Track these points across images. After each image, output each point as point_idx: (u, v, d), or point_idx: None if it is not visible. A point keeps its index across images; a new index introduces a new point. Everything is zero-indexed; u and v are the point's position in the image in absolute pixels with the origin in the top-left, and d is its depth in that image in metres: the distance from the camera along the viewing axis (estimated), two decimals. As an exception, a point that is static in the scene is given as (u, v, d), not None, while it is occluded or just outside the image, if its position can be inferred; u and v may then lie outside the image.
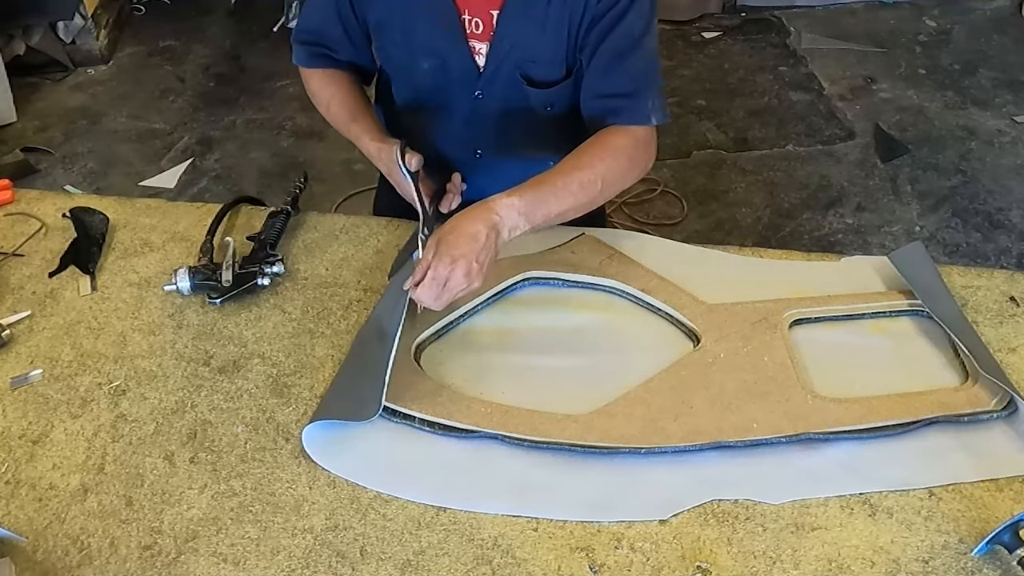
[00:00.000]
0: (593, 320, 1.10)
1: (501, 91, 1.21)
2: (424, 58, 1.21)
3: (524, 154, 1.29)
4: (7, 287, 1.17)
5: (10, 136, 3.03)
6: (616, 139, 1.11)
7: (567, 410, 0.97)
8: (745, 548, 0.86)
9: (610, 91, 1.12)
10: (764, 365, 1.02)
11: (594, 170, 1.07)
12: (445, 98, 1.25)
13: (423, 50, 1.20)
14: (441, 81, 1.22)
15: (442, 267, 0.98)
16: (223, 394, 1.03)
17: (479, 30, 1.16)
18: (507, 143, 1.28)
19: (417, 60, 1.21)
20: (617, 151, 1.10)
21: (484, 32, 1.16)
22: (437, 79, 1.22)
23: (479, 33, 1.16)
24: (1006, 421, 0.96)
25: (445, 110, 1.26)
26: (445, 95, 1.24)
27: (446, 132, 1.29)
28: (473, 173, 1.29)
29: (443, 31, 1.17)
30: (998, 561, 0.84)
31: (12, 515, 0.91)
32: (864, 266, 1.17)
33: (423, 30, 1.18)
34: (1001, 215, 2.60)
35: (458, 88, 1.23)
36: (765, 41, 3.48)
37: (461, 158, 1.30)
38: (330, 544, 0.87)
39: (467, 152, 1.29)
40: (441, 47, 1.19)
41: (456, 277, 0.98)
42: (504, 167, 1.28)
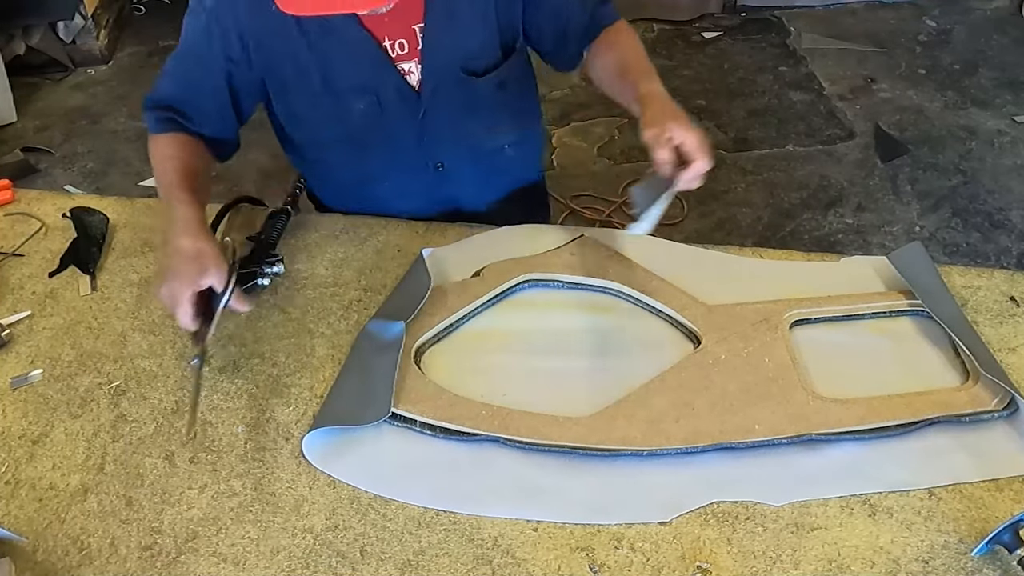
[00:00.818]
0: (593, 322, 1.10)
1: (447, 97, 1.20)
2: (354, 99, 1.18)
3: (485, 146, 1.30)
4: (7, 287, 1.17)
5: (10, 136, 3.03)
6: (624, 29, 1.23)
7: (568, 412, 0.97)
8: (745, 548, 0.86)
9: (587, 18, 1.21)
10: (765, 366, 1.02)
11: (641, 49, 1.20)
12: (387, 130, 1.22)
13: (351, 91, 1.17)
14: (378, 116, 1.20)
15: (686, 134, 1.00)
16: (223, 394, 1.03)
17: (404, 50, 1.15)
18: (467, 142, 1.28)
19: (347, 103, 1.18)
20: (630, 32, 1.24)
21: (411, 51, 1.15)
22: (373, 116, 1.19)
23: (405, 53, 1.15)
24: (1007, 421, 0.96)
25: (391, 141, 1.23)
26: (386, 128, 1.22)
27: (400, 162, 1.26)
28: (440, 187, 1.30)
29: (367, 64, 1.14)
30: (998, 561, 0.84)
31: (12, 515, 0.91)
32: (864, 266, 1.17)
33: (345, 71, 1.15)
34: (1001, 215, 2.60)
35: (399, 115, 1.20)
36: (765, 41, 3.48)
37: (424, 179, 1.28)
38: (330, 544, 0.87)
39: (428, 171, 1.28)
40: (370, 81, 1.16)
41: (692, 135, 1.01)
42: (467, 169, 1.30)
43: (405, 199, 1.29)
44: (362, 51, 1.13)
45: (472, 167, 1.30)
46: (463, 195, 1.33)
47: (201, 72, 1.15)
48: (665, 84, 1.15)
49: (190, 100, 1.16)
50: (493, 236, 1.22)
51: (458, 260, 1.17)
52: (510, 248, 1.18)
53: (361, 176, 1.29)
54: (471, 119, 1.25)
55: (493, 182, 1.36)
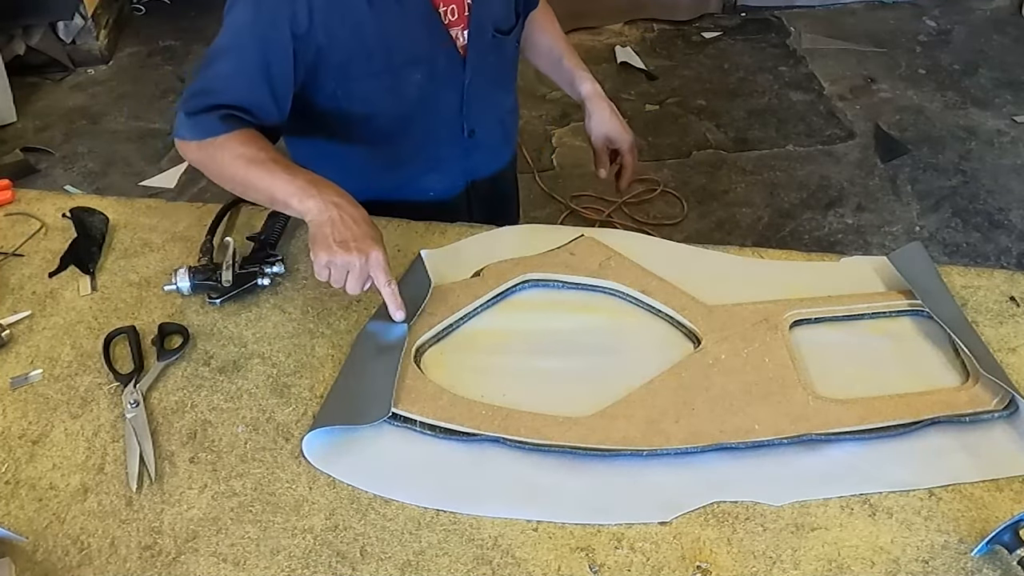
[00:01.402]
0: (593, 322, 1.10)
1: (485, 60, 1.21)
2: (411, 71, 1.16)
3: (505, 106, 1.37)
4: (7, 287, 1.17)
5: (10, 136, 3.03)
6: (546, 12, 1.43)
7: (568, 412, 0.97)
8: (745, 548, 0.86)
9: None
10: (765, 366, 1.02)
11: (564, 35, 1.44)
12: (433, 101, 1.22)
13: (409, 62, 1.16)
14: (428, 87, 1.19)
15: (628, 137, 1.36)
16: (223, 394, 1.03)
17: (455, 16, 1.15)
18: (496, 105, 1.32)
19: (403, 77, 1.17)
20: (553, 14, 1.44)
21: (459, 17, 1.15)
22: (425, 87, 1.19)
23: (455, 19, 1.15)
24: (1007, 421, 0.96)
25: (434, 113, 1.23)
26: (433, 98, 1.21)
27: (438, 133, 1.27)
28: (468, 155, 1.32)
29: (426, 33, 1.14)
30: (998, 561, 0.84)
31: (12, 515, 0.91)
32: (864, 266, 1.17)
33: (405, 41, 1.14)
34: (1001, 215, 2.60)
35: (447, 84, 1.20)
36: (765, 41, 3.49)
37: (457, 148, 1.30)
38: (330, 544, 0.87)
39: (462, 139, 1.29)
40: (426, 51, 1.16)
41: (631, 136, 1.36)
42: (493, 133, 1.34)
43: (434, 173, 1.30)
44: (424, 19, 1.13)
45: (495, 130, 1.35)
46: (488, 161, 1.37)
47: (266, 58, 1.07)
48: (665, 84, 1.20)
49: (255, 92, 1.08)
50: (493, 236, 1.22)
51: (458, 260, 1.17)
52: (510, 248, 1.18)
53: (394, 157, 1.27)
54: (501, 80, 1.30)
55: (505, 145, 1.42)
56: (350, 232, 0.98)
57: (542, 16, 1.41)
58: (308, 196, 1.00)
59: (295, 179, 1.02)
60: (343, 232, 0.98)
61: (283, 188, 1.02)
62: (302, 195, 1.01)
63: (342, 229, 0.98)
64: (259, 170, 1.03)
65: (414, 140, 1.25)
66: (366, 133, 1.24)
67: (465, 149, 1.30)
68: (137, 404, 1.00)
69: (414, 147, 1.26)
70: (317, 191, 1.01)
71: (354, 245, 0.98)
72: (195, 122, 1.07)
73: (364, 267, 0.98)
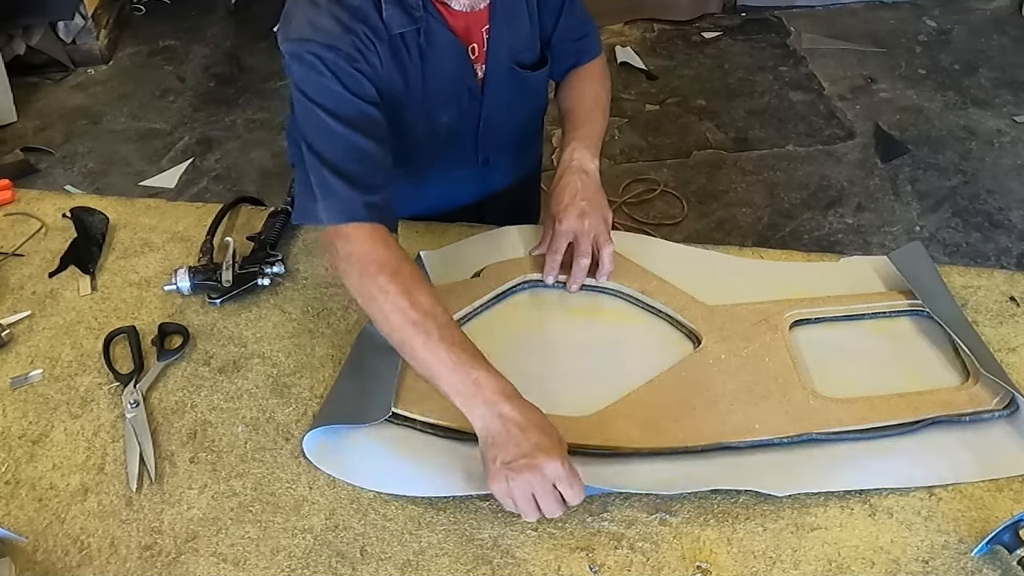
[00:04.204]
0: (593, 322, 1.10)
1: (502, 95, 1.20)
2: (442, 112, 1.14)
3: (525, 134, 1.34)
4: (7, 287, 1.17)
5: (10, 136, 3.03)
6: (595, 69, 1.30)
7: (568, 412, 0.97)
8: (745, 548, 0.86)
9: (578, 34, 1.26)
10: (765, 366, 1.02)
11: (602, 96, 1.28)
12: (457, 134, 1.21)
13: (440, 104, 1.13)
14: (456, 124, 1.18)
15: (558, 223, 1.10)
16: (223, 394, 1.03)
17: (475, 55, 1.14)
18: (509, 139, 1.30)
19: (435, 119, 1.15)
20: (603, 76, 1.31)
21: (479, 54, 1.14)
22: (454, 124, 1.17)
23: (476, 56, 1.15)
24: (1007, 420, 0.96)
25: (450, 145, 1.22)
26: (458, 132, 1.20)
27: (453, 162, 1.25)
28: (483, 180, 1.31)
29: (458, 72, 1.12)
30: (998, 561, 0.84)
31: (12, 515, 0.91)
32: (864, 266, 1.17)
33: (441, 82, 1.11)
34: (1001, 215, 2.60)
35: (468, 118, 1.20)
36: (765, 41, 3.48)
37: (471, 174, 1.29)
38: (330, 544, 0.87)
39: (475, 167, 1.28)
40: (455, 89, 1.14)
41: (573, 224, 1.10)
42: (506, 162, 1.32)
43: (448, 195, 1.30)
44: (456, 59, 1.11)
45: (511, 157, 1.33)
46: (499, 182, 1.35)
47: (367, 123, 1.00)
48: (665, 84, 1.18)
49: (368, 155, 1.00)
50: (493, 236, 1.22)
51: (458, 260, 1.17)
52: (510, 248, 1.18)
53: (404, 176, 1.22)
54: (519, 112, 1.28)
55: (521, 166, 1.40)
56: (518, 448, 0.84)
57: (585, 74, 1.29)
58: (473, 403, 0.87)
59: (458, 371, 0.88)
60: (512, 450, 0.84)
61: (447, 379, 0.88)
62: (466, 399, 0.87)
63: (511, 448, 0.84)
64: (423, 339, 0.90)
65: (426, 165, 1.25)
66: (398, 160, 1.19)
67: (478, 174, 1.29)
68: (137, 404, 1.00)
69: (425, 170, 1.26)
70: (483, 397, 0.86)
71: (524, 463, 0.83)
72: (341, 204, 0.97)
73: (544, 483, 0.83)
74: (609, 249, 1.10)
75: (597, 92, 1.28)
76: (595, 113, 1.25)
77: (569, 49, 1.27)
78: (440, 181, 1.27)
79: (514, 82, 1.20)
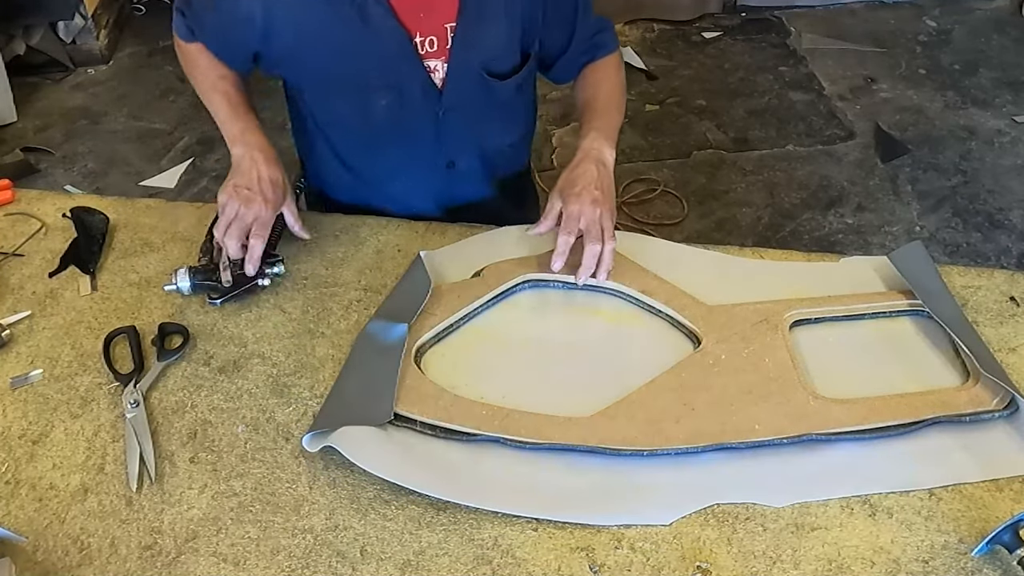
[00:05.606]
0: (593, 322, 1.10)
1: (468, 98, 1.20)
2: (379, 95, 1.18)
3: (494, 145, 1.32)
4: (7, 287, 1.17)
5: (10, 136, 3.03)
6: (611, 63, 1.31)
7: (568, 412, 0.97)
8: (745, 548, 0.86)
9: (591, 32, 1.28)
10: (765, 366, 1.02)
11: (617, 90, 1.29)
12: (405, 128, 1.22)
13: (377, 87, 1.17)
14: (398, 112, 1.20)
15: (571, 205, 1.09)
16: (223, 394, 1.03)
17: (433, 48, 1.14)
18: (480, 142, 1.29)
19: (370, 101, 1.18)
20: (619, 70, 1.31)
21: (439, 48, 1.14)
22: (395, 113, 1.20)
23: (433, 51, 1.15)
24: (1007, 421, 0.96)
25: (408, 139, 1.24)
26: (405, 125, 1.22)
27: (414, 160, 1.27)
28: (449, 185, 1.31)
29: (396, 61, 1.14)
30: (998, 561, 0.84)
31: (12, 515, 0.91)
32: (864, 266, 1.17)
33: (375, 67, 1.14)
34: (1001, 215, 2.60)
35: (419, 114, 1.20)
36: (765, 41, 3.48)
37: (435, 177, 1.30)
38: (330, 544, 0.87)
39: (438, 169, 1.29)
40: (396, 77, 1.16)
41: (586, 210, 1.08)
42: (476, 166, 1.32)
43: (414, 197, 1.30)
44: (394, 45, 1.13)
45: (479, 164, 1.32)
46: (468, 191, 1.34)
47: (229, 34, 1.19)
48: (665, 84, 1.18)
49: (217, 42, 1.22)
50: (493, 236, 1.22)
51: (458, 260, 1.17)
52: (510, 248, 1.18)
53: (373, 172, 1.30)
54: (487, 120, 1.27)
55: (495, 176, 1.38)
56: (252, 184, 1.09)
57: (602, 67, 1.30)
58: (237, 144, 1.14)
59: (236, 123, 1.16)
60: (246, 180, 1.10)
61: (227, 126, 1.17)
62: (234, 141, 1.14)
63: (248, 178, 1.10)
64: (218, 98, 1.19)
65: (389, 161, 1.27)
66: (345, 146, 1.28)
67: (444, 178, 1.30)
68: (137, 404, 1.00)
69: (390, 167, 1.28)
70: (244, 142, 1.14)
71: (246, 194, 1.08)
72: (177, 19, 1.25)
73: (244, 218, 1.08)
74: (611, 245, 1.10)
75: (613, 86, 1.29)
76: (611, 106, 1.26)
77: (583, 48, 1.28)
78: (404, 178, 1.28)
79: (483, 88, 1.20)
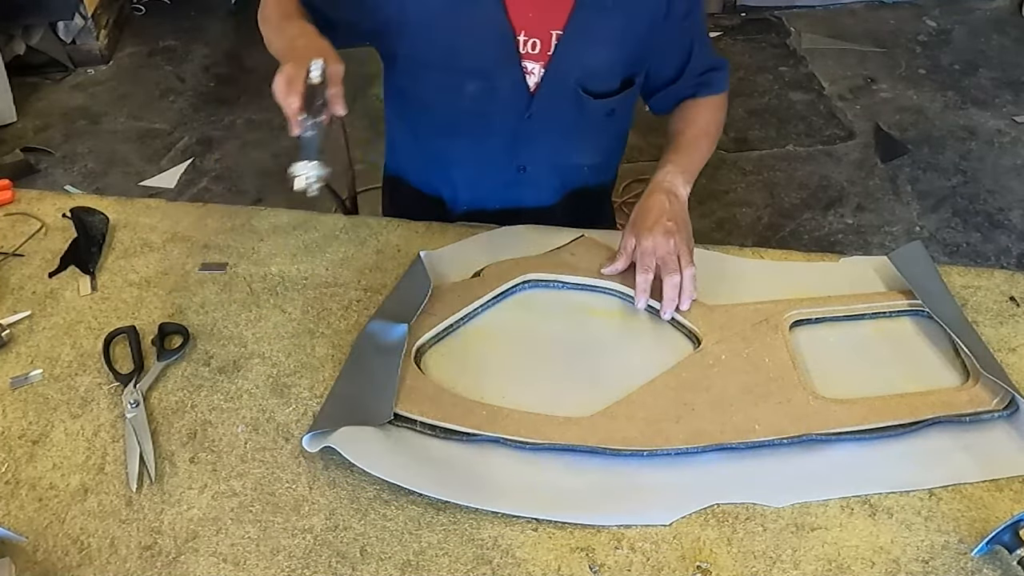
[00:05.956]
0: (593, 322, 1.10)
1: (556, 107, 1.20)
2: (469, 81, 1.17)
3: (572, 162, 1.30)
4: (7, 287, 1.17)
5: (10, 136, 3.03)
6: (713, 102, 1.30)
7: (568, 413, 0.97)
8: (745, 548, 0.86)
9: (703, 69, 1.27)
10: (765, 366, 1.02)
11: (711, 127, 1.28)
12: (487, 120, 1.21)
13: (469, 72, 1.16)
14: (486, 104, 1.19)
15: (644, 240, 1.08)
16: (223, 394, 1.03)
17: (535, 50, 1.14)
18: (557, 155, 1.28)
19: (461, 83, 1.17)
20: (719, 110, 1.31)
21: (541, 52, 1.14)
22: (481, 103, 1.19)
23: (535, 54, 1.15)
24: (1007, 421, 0.96)
25: (487, 132, 1.23)
26: (487, 118, 1.21)
27: (486, 154, 1.26)
28: (513, 187, 1.30)
29: (495, 52, 1.14)
30: (998, 561, 0.84)
31: (12, 515, 0.91)
32: (864, 266, 1.17)
33: (471, 51, 1.14)
34: (1001, 215, 2.60)
35: (505, 110, 1.20)
36: (765, 41, 3.49)
37: (502, 178, 1.28)
38: (330, 544, 0.87)
39: (509, 170, 1.28)
40: (490, 69, 1.16)
41: (659, 242, 1.07)
42: (548, 178, 1.30)
43: (480, 190, 1.30)
44: (496, 35, 1.12)
45: (551, 176, 1.31)
46: (536, 198, 1.33)
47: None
48: None
49: None
50: (493, 236, 1.22)
51: (458, 260, 1.17)
52: (510, 248, 1.18)
53: (445, 156, 1.28)
54: (570, 136, 1.26)
55: (566, 191, 1.36)
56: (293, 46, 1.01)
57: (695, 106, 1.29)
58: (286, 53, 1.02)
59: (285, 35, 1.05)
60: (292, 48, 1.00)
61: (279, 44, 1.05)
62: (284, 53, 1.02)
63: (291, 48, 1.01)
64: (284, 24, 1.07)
65: (461, 149, 1.25)
66: (423, 124, 1.26)
67: (513, 179, 1.29)
68: (137, 404, 1.00)
69: (461, 156, 1.26)
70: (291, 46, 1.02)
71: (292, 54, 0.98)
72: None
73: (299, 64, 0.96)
74: (691, 272, 1.07)
75: (706, 124, 1.28)
76: (698, 144, 1.25)
77: (691, 83, 1.28)
78: (472, 170, 1.27)
79: (574, 103, 1.20)
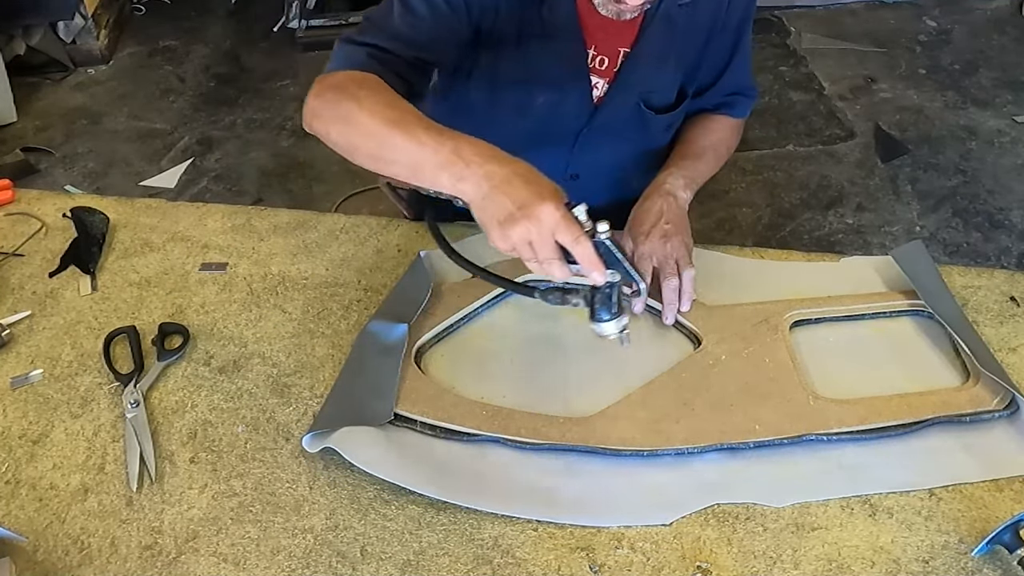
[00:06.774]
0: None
1: (618, 121, 1.21)
2: (541, 92, 1.17)
3: (626, 176, 1.30)
4: (7, 287, 1.17)
5: (10, 136, 3.03)
6: (729, 123, 1.30)
7: (569, 413, 0.97)
8: (745, 548, 0.86)
9: (734, 87, 1.28)
10: (765, 366, 1.02)
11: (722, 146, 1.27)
12: (547, 129, 1.21)
13: (542, 84, 1.16)
14: (550, 116, 1.19)
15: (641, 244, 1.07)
16: (223, 394, 1.03)
17: (603, 66, 1.15)
18: (611, 167, 1.29)
19: (532, 95, 1.17)
20: (733, 132, 1.30)
21: (608, 69, 1.16)
22: (547, 115, 1.19)
23: (602, 69, 1.16)
24: (1008, 421, 0.96)
25: (544, 140, 1.22)
26: (548, 126, 1.21)
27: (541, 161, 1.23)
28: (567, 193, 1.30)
29: (568, 66, 1.15)
30: (998, 561, 0.84)
31: (12, 515, 0.91)
32: (864, 266, 1.17)
33: (546, 64, 1.14)
34: (1001, 215, 2.60)
35: (567, 120, 1.21)
36: (765, 41, 3.49)
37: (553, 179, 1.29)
38: (330, 544, 0.87)
39: (562, 178, 1.26)
40: (562, 82, 1.16)
41: (656, 246, 1.07)
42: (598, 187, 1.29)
43: None
44: (570, 50, 1.13)
45: (603, 186, 1.31)
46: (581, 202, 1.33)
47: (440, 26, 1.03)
48: None
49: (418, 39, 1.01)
50: (493, 236, 1.22)
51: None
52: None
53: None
54: (628, 149, 1.27)
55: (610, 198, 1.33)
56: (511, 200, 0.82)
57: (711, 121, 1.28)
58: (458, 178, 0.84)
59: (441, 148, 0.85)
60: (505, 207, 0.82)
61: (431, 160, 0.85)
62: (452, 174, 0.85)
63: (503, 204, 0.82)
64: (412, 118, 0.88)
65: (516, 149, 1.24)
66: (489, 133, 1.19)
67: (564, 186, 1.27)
68: (137, 404, 1.00)
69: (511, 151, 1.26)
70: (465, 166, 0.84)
71: (520, 214, 0.81)
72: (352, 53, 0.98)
73: (541, 230, 0.81)
74: (690, 274, 1.06)
75: (717, 140, 1.26)
76: (707, 154, 1.23)
77: (715, 99, 1.28)
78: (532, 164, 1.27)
79: (636, 117, 1.21)
